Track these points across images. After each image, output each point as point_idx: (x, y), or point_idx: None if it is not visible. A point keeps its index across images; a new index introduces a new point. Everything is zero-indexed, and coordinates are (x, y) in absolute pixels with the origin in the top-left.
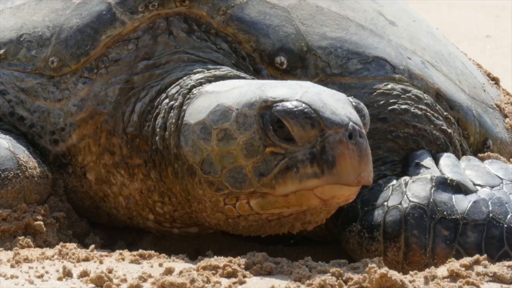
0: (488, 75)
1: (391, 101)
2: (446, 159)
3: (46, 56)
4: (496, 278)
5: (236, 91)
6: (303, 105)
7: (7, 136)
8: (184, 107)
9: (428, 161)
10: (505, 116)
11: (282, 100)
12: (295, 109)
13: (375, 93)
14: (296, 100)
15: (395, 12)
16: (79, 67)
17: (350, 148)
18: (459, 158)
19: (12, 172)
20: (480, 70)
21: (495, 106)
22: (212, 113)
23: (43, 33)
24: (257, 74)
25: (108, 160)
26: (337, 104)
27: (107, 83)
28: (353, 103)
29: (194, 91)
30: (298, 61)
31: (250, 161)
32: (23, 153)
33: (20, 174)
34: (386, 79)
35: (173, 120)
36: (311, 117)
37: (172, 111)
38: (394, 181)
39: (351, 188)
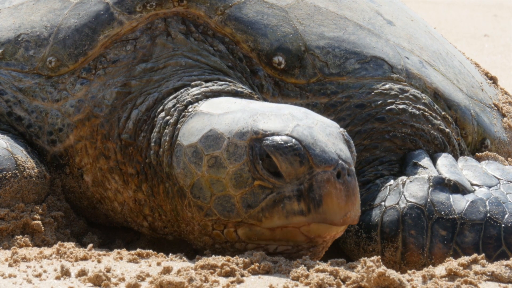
0: (486, 74)
1: (389, 101)
2: (444, 159)
3: (44, 56)
4: (494, 277)
5: (229, 117)
6: (293, 140)
7: (5, 136)
8: (179, 125)
9: (425, 161)
10: (503, 115)
11: (272, 134)
12: (284, 145)
13: (372, 93)
14: (286, 134)
15: (393, 11)
16: (77, 67)
17: (337, 188)
18: (457, 157)
19: (10, 172)
20: (478, 69)
21: (493, 105)
22: (205, 138)
23: (41, 33)
24: (254, 75)
25: (103, 164)
26: (328, 140)
27: (105, 85)
28: (345, 137)
29: (190, 108)
30: (296, 61)
31: (238, 192)
32: (21, 153)
33: (18, 174)
34: (384, 79)
35: (167, 138)
36: (300, 154)
37: (167, 127)
38: (392, 181)
39: (338, 227)
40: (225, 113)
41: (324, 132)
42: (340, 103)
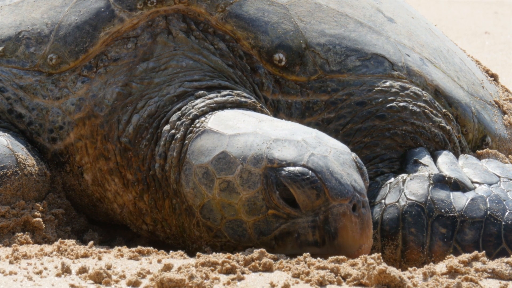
0: (487, 71)
1: (389, 98)
2: (444, 156)
3: (44, 53)
4: (494, 274)
5: (241, 140)
6: (310, 172)
7: (6, 134)
8: (186, 141)
9: (426, 159)
10: (504, 112)
11: (288, 164)
12: (301, 178)
13: (373, 90)
14: (302, 165)
15: (393, 9)
16: (78, 65)
17: (353, 221)
18: (457, 155)
19: (10, 170)
20: (478, 67)
21: (493, 102)
22: (216, 160)
23: (42, 30)
24: (254, 73)
25: (103, 165)
26: (342, 171)
27: (106, 83)
28: (358, 164)
29: (197, 124)
30: (297, 58)
31: (251, 218)
32: (21, 151)
33: (18, 171)
34: (384, 76)
35: (175, 154)
36: (316, 188)
37: (173, 142)
38: (392, 179)
39: None
40: (236, 135)
41: (338, 162)
42: (341, 101)
